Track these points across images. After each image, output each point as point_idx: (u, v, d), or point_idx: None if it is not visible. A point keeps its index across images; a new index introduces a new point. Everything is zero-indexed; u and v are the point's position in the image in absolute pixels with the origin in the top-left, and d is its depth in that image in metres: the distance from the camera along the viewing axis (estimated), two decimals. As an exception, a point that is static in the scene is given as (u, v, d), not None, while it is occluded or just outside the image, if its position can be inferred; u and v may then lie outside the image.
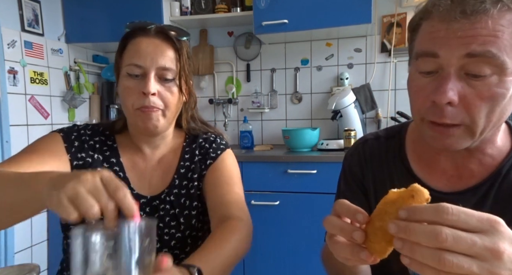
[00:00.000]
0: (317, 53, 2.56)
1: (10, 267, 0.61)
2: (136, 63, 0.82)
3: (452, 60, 0.54)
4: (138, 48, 0.83)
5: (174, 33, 0.87)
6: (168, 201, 0.89)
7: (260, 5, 2.23)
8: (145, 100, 0.82)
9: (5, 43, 2.09)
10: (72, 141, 0.88)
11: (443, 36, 0.55)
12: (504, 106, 0.56)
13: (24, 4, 2.21)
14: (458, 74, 0.55)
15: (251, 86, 2.67)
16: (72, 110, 2.57)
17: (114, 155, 0.91)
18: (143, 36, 0.84)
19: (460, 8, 0.53)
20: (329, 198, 0.87)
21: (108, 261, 0.44)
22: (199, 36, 2.71)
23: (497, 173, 0.65)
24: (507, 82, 0.54)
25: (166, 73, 0.84)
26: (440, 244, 0.38)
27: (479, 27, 0.53)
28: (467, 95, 0.55)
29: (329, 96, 2.50)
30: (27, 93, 2.24)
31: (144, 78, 0.82)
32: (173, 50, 0.85)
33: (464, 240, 0.38)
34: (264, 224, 2.05)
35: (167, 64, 0.83)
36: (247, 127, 2.55)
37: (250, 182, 2.04)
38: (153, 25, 0.86)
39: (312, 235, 1.98)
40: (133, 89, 0.83)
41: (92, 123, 0.97)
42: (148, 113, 0.83)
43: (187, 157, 0.95)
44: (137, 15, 2.37)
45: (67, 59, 2.55)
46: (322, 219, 0.49)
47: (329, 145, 2.20)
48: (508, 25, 0.53)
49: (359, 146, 0.82)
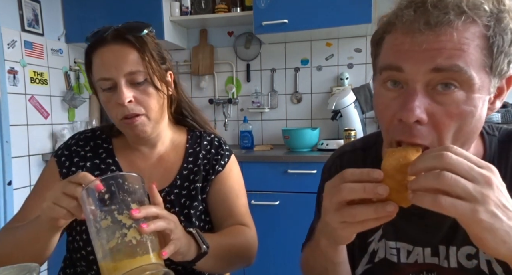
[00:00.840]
0: (317, 53, 2.56)
1: (10, 267, 0.61)
2: (104, 77, 0.81)
3: (418, 75, 0.52)
4: (101, 61, 0.82)
5: (131, 31, 0.84)
6: (168, 200, 0.90)
7: (260, 5, 2.23)
8: (124, 110, 0.81)
9: (5, 43, 2.09)
10: (63, 163, 0.92)
11: (408, 49, 0.53)
12: (473, 126, 0.55)
13: (24, 4, 2.21)
14: (425, 90, 0.53)
15: (251, 86, 2.67)
16: (72, 110, 2.57)
17: (110, 156, 0.93)
18: (102, 46, 0.82)
19: (424, 19, 0.51)
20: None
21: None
22: (199, 36, 2.71)
23: None
24: (475, 99, 0.53)
25: (135, 78, 0.81)
26: (445, 161, 0.43)
27: (444, 40, 0.51)
28: (435, 113, 0.53)
29: (329, 96, 2.50)
30: (27, 93, 2.24)
31: (116, 89, 0.81)
32: (135, 51, 0.82)
33: (465, 163, 0.44)
34: (264, 224, 2.04)
35: (133, 67, 0.81)
36: (247, 127, 2.55)
37: (250, 182, 2.02)
38: (109, 30, 0.83)
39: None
40: (110, 102, 0.83)
41: (91, 128, 0.99)
42: (131, 122, 0.83)
43: (191, 160, 0.95)
44: (137, 15, 2.37)
45: (67, 59, 2.55)
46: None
47: (329, 145, 2.20)
48: (473, 38, 0.51)
49: (337, 160, 0.81)
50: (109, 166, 0.92)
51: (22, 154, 2.22)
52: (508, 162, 0.64)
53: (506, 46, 0.53)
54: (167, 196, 0.90)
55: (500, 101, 0.59)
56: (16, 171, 2.15)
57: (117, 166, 0.92)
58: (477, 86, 0.52)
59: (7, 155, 2.08)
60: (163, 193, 0.90)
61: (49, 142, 2.41)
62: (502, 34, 0.52)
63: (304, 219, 1.98)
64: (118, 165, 0.92)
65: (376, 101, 0.60)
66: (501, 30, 0.52)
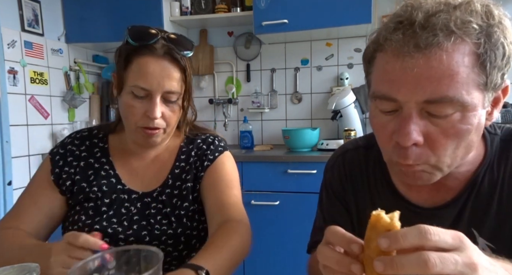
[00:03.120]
0: (317, 53, 2.56)
1: (10, 267, 0.61)
2: (142, 87, 0.81)
3: (411, 103, 0.53)
4: (145, 71, 0.81)
5: (179, 46, 0.85)
6: (160, 200, 0.90)
7: (260, 5, 2.23)
8: (149, 122, 0.84)
9: (5, 43, 2.09)
10: (57, 161, 0.92)
11: (399, 77, 0.53)
12: (470, 140, 0.55)
13: (24, 4, 2.21)
14: (420, 113, 0.54)
15: (251, 86, 2.67)
16: (72, 110, 2.57)
17: (104, 155, 0.94)
18: (150, 56, 0.82)
19: (413, 42, 0.51)
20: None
21: None
22: (199, 36, 2.71)
23: (473, 182, 0.64)
24: (470, 117, 0.53)
25: (171, 96, 0.84)
26: (430, 270, 0.37)
27: (434, 66, 0.51)
28: (431, 133, 0.54)
29: (329, 96, 2.50)
30: (27, 93, 2.24)
31: (149, 100, 0.83)
32: (179, 71, 0.85)
33: (449, 261, 0.38)
34: (264, 224, 2.05)
35: (173, 88, 0.83)
36: (247, 127, 2.54)
37: (250, 182, 2.04)
38: (158, 39, 0.83)
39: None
40: (137, 109, 0.83)
41: (89, 127, 0.99)
42: (151, 133, 0.85)
43: (183, 158, 0.95)
44: (137, 15, 2.38)
45: (67, 59, 2.55)
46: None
47: (329, 145, 2.20)
48: (462, 59, 0.51)
49: (339, 158, 0.80)
50: (102, 165, 0.92)
51: (22, 154, 2.22)
52: (508, 161, 0.63)
53: (499, 61, 0.52)
54: (159, 196, 0.90)
55: (497, 111, 0.59)
56: (16, 171, 2.14)
57: (111, 165, 0.93)
58: (472, 106, 0.52)
59: (7, 155, 2.08)
60: (155, 193, 0.91)
61: (49, 142, 2.41)
62: (494, 49, 0.52)
63: (304, 219, 1.99)
64: (111, 164, 0.93)
65: (372, 121, 0.61)
66: (492, 45, 0.52)
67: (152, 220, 0.88)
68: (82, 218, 0.85)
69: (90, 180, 0.90)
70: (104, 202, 0.88)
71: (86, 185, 0.90)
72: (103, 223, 0.85)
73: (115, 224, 0.86)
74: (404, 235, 0.39)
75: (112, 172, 0.92)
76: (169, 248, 0.87)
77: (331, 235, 0.46)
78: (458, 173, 0.65)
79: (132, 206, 0.89)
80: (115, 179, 0.91)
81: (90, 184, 0.89)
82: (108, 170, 0.92)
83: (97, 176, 0.90)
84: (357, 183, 0.76)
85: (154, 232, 0.86)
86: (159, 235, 0.86)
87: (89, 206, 0.87)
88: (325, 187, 0.82)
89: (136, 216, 0.88)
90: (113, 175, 0.91)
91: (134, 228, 0.86)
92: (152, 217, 0.88)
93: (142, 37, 0.83)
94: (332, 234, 0.46)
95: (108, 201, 0.88)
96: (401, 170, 0.59)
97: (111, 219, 0.86)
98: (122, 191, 0.90)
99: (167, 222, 0.88)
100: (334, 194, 0.79)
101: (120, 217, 0.87)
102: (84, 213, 0.86)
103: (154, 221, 0.88)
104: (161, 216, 0.89)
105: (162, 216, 0.89)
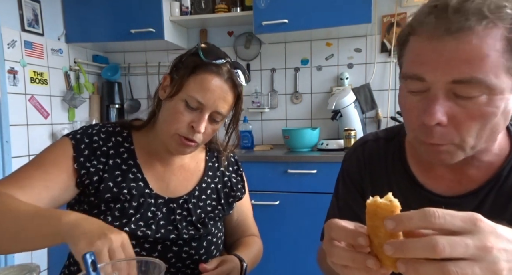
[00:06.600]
0: (317, 53, 2.56)
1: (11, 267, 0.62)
2: (200, 100, 0.84)
3: (439, 84, 0.54)
4: (207, 87, 0.85)
5: (239, 79, 0.90)
6: (185, 208, 0.93)
7: (260, 5, 2.23)
8: (190, 133, 0.86)
9: (5, 43, 2.09)
10: (82, 150, 0.87)
11: (430, 59, 0.54)
12: (496, 123, 0.56)
13: (24, 4, 2.21)
14: (446, 95, 0.55)
15: (251, 86, 2.67)
16: (72, 110, 2.57)
17: (131, 157, 0.92)
18: (215, 76, 0.86)
19: (445, 26, 0.52)
20: (329, 198, 0.87)
21: None
22: (199, 36, 2.71)
23: (497, 176, 0.64)
24: (496, 100, 0.54)
25: (218, 116, 0.88)
26: (439, 255, 0.38)
27: (464, 49, 0.52)
28: (456, 115, 0.55)
29: (329, 96, 2.50)
30: (27, 93, 2.24)
31: (198, 113, 0.85)
32: (233, 97, 0.90)
33: (458, 245, 0.38)
34: (264, 224, 2.03)
35: (223, 110, 0.88)
36: (247, 127, 2.54)
37: (250, 182, 2.02)
38: (226, 62, 0.88)
39: (312, 235, 1.98)
40: (184, 117, 0.85)
41: (106, 123, 0.96)
42: (187, 144, 0.87)
43: (211, 174, 1.01)
44: (137, 15, 2.38)
45: (67, 59, 2.55)
46: (322, 220, 0.47)
47: (329, 144, 2.20)
48: (493, 44, 0.51)
49: (358, 148, 0.81)
50: (130, 168, 0.91)
51: (22, 154, 2.22)
52: None
53: None
54: (184, 204, 0.93)
55: None
56: (16, 171, 2.15)
57: (138, 168, 0.91)
58: (499, 90, 0.53)
59: (7, 155, 2.08)
60: (181, 200, 0.93)
61: (49, 142, 2.41)
62: None
63: (304, 219, 2.00)
64: (139, 168, 0.91)
65: (401, 101, 0.63)
66: None
67: (179, 225, 0.90)
68: (109, 219, 0.84)
69: (117, 181, 0.88)
70: (132, 205, 0.87)
71: (112, 184, 0.87)
72: (131, 226, 0.85)
73: (143, 227, 0.86)
74: (410, 217, 0.40)
75: (140, 175, 0.91)
76: (192, 251, 0.91)
77: (333, 230, 0.46)
78: (480, 163, 0.65)
79: (158, 210, 0.90)
80: (143, 182, 0.90)
81: (118, 185, 0.88)
82: (136, 173, 0.90)
83: (125, 178, 0.89)
84: (376, 172, 0.77)
85: (183, 236, 0.90)
86: (186, 239, 0.91)
87: (116, 207, 0.86)
88: (342, 176, 0.83)
89: (162, 221, 0.90)
90: (141, 178, 0.91)
91: (162, 231, 0.88)
92: (178, 222, 0.91)
93: (214, 55, 0.87)
94: (334, 229, 0.46)
95: (136, 204, 0.88)
96: (426, 149, 0.60)
97: (139, 222, 0.86)
98: (149, 195, 0.90)
99: (192, 228, 0.92)
100: (351, 181, 0.80)
101: (147, 220, 0.87)
102: (110, 214, 0.85)
103: (180, 226, 0.90)
104: (186, 223, 0.92)
105: (187, 223, 0.92)
